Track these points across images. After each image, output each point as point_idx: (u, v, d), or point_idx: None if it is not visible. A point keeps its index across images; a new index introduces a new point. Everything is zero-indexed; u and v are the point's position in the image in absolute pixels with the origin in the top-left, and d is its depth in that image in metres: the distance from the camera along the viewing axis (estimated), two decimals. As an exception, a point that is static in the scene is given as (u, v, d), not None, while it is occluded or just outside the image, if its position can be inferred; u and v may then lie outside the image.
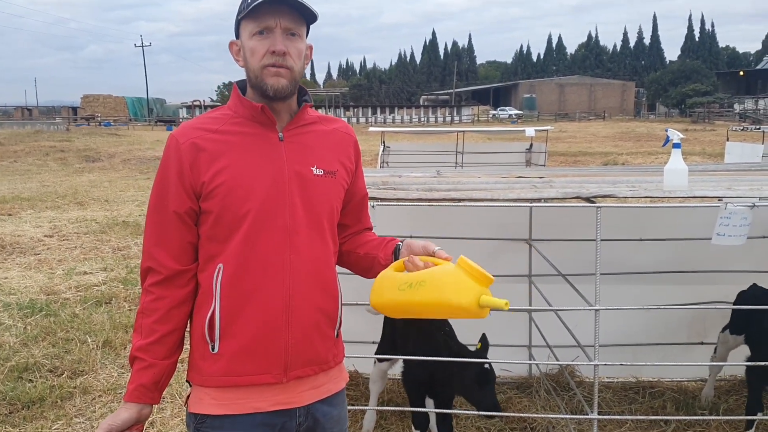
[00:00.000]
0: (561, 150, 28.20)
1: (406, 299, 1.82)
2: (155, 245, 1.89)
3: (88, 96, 75.62)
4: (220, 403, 1.88)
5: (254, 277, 1.85)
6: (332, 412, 2.02)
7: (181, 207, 1.86)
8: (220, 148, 1.87)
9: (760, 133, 15.09)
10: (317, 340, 1.94)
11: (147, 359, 1.86)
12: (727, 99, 71.79)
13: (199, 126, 1.91)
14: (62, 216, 12.55)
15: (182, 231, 1.88)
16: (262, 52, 1.84)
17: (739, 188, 3.42)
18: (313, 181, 1.92)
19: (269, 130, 1.91)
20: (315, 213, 1.92)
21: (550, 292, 4.25)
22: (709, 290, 4.49)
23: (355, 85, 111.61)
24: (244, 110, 1.92)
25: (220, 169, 1.84)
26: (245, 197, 1.84)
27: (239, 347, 1.86)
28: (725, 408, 4.36)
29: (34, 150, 28.33)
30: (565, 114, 77.03)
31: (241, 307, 1.85)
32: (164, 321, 1.88)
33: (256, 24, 1.85)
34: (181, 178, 1.85)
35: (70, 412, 4.48)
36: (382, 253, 2.04)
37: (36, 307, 6.70)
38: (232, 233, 1.85)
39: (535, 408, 4.40)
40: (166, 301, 1.88)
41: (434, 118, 73.65)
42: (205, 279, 1.89)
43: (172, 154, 1.88)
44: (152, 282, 1.88)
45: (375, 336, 4.18)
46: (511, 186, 3.63)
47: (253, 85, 1.90)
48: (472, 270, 1.77)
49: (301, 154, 1.93)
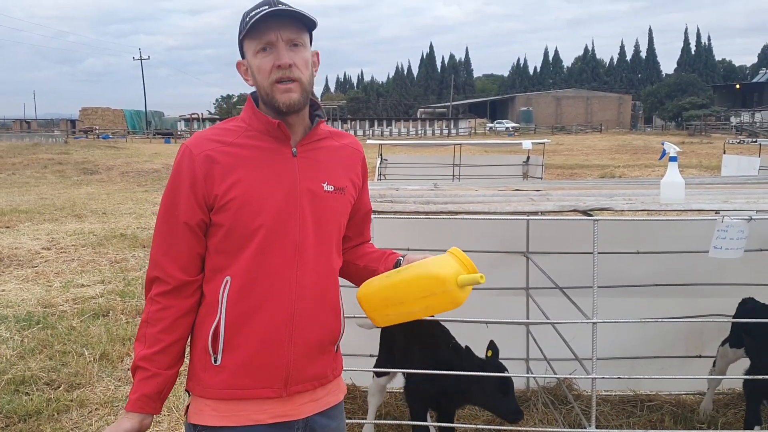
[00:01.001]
0: (558, 163, 28.26)
1: (390, 282, 1.90)
2: (163, 255, 1.88)
3: (86, 109, 75.76)
4: (221, 415, 1.88)
5: (261, 293, 1.86)
6: (331, 425, 2.03)
7: (192, 218, 1.86)
8: (234, 161, 1.86)
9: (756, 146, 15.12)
10: (318, 356, 1.96)
11: (151, 369, 1.86)
12: (723, 112, 72.06)
13: (214, 138, 1.90)
14: (60, 228, 12.54)
15: (191, 242, 1.88)
16: (269, 68, 1.85)
17: (736, 201, 3.43)
18: (323, 197, 1.93)
19: (283, 145, 1.92)
20: (324, 230, 1.94)
21: (547, 305, 4.25)
22: (707, 303, 4.49)
23: (353, 98, 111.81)
24: (259, 124, 1.92)
25: (234, 182, 1.84)
26: (257, 212, 1.84)
27: (242, 361, 1.86)
28: (724, 421, 4.35)
29: (33, 162, 28.32)
30: (562, 127, 77.21)
31: (246, 321, 1.85)
32: (169, 330, 1.88)
33: (258, 41, 1.85)
34: (193, 189, 1.85)
35: (66, 426, 4.46)
36: (382, 267, 2.06)
37: (33, 319, 6.68)
38: (242, 247, 1.85)
39: (533, 421, 4.38)
40: (172, 310, 1.88)
41: (431, 131, 73.80)
42: (211, 291, 1.89)
43: (185, 164, 1.87)
44: (159, 291, 1.88)
45: (373, 349, 4.17)
46: (508, 199, 3.64)
47: (266, 102, 1.90)
48: (463, 257, 1.88)
49: (314, 170, 1.94)
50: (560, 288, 3.93)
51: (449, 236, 4.43)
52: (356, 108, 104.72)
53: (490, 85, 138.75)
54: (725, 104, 79.87)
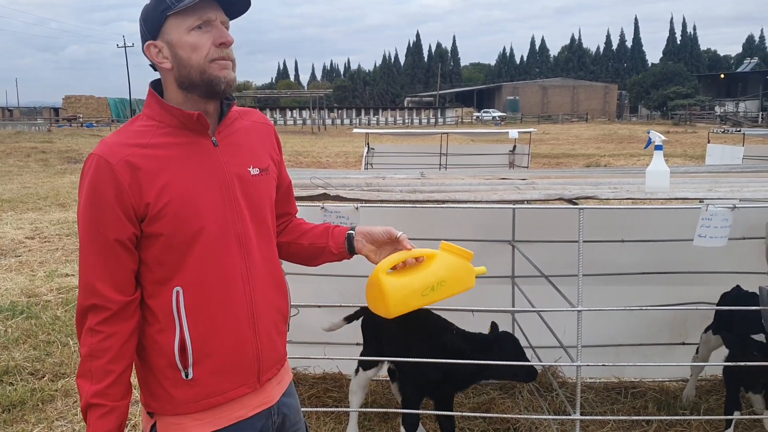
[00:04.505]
0: (544, 152, 28.34)
1: (430, 301, 1.94)
2: (98, 279, 1.71)
3: (69, 97, 74.86)
4: (203, 422, 1.83)
5: (217, 296, 1.78)
6: (293, 403, 2.06)
7: (123, 234, 1.70)
8: (157, 164, 1.71)
9: (740, 135, 15.25)
10: (277, 339, 1.95)
11: (107, 404, 1.72)
12: (708, 101, 72.52)
13: (126, 142, 1.73)
14: (43, 218, 12.43)
15: (125, 260, 1.73)
16: (208, 45, 1.73)
17: (720, 190, 3.45)
18: (251, 181, 1.86)
19: (202, 137, 1.80)
20: (260, 214, 1.88)
21: (532, 293, 4.27)
22: (691, 291, 4.53)
23: (339, 86, 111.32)
24: (171, 119, 1.77)
25: (163, 187, 1.70)
26: (196, 213, 1.73)
27: (214, 368, 1.80)
28: (706, 408, 4.40)
29: (15, 151, 28.02)
30: (548, 116, 77.44)
31: (211, 327, 1.78)
32: (118, 359, 1.73)
33: (196, 18, 1.72)
34: (120, 202, 1.68)
35: (51, 416, 4.44)
36: (332, 242, 2.02)
37: (17, 309, 6.63)
38: (186, 253, 1.74)
39: (518, 409, 4.41)
40: (117, 337, 1.72)
41: (418, 120, 73.76)
42: (160, 306, 1.76)
43: (102, 176, 1.68)
44: (99, 320, 1.71)
45: (357, 337, 4.16)
46: (494, 187, 3.65)
47: (196, 83, 1.75)
48: (460, 251, 1.96)
49: (237, 156, 1.85)
50: (546, 276, 3.95)
51: (436, 225, 4.44)
52: (343, 97, 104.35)
53: (476, 74, 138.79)
54: (710, 94, 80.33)
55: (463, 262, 1.96)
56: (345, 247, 2.00)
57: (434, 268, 1.92)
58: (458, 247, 1.96)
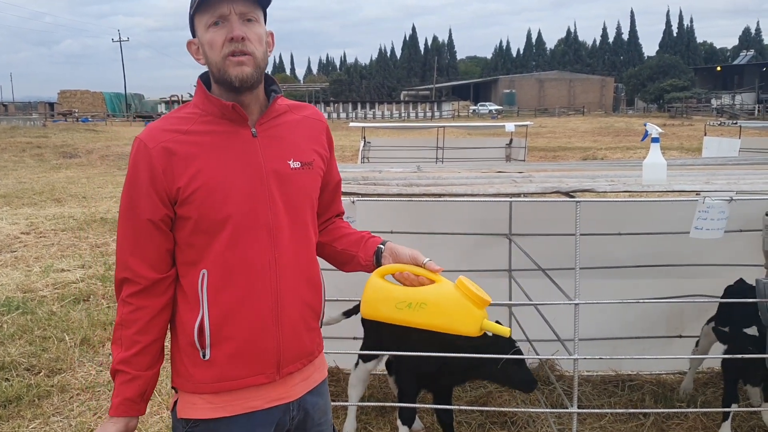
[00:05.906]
0: (540, 145, 28.34)
1: (403, 318, 1.86)
2: (130, 255, 1.81)
3: (65, 91, 74.59)
4: (216, 406, 1.85)
5: (241, 281, 1.81)
6: (319, 402, 2.04)
7: (156, 215, 1.79)
8: (193, 150, 1.78)
9: (736, 127, 15.24)
10: (304, 333, 1.93)
11: (130, 372, 1.81)
12: (704, 94, 72.53)
13: (168, 128, 1.82)
14: (39, 213, 12.40)
15: (158, 239, 1.81)
16: (221, 42, 1.77)
17: (716, 182, 3.45)
18: (290, 175, 1.87)
19: (241, 127, 1.84)
20: (296, 208, 1.88)
21: (529, 287, 4.27)
22: (688, 284, 4.52)
23: (336, 80, 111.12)
24: (212, 108, 1.84)
25: (195, 173, 1.77)
26: (223, 201, 1.78)
27: (231, 352, 1.82)
28: (703, 400, 4.41)
29: (10, 146, 27.92)
30: (545, 109, 77.39)
31: (230, 312, 1.81)
32: (145, 331, 1.81)
33: (210, 15, 1.77)
34: (153, 184, 1.77)
35: (47, 411, 4.43)
36: (362, 253, 2.02)
37: (12, 304, 6.61)
38: (212, 239, 1.79)
39: (516, 402, 4.42)
40: (146, 311, 1.81)
41: (415, 114, 73.71)
42: (189, 285, 1.83)
43: (141, 159, 1.78)
44: (130, 293, 1.81)
45: (356, 331, 4.16)
46: (491, 181, 3.64)
47: (218, 79, 1.82)
48: (471, 294, 1.82)
49: (277, 149, 1.87)
50: (543, 269, 3.94)
51: (432, 219, 4.44)
52: (339, 90, 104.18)
53: (473, 68, 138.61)
54: (706, 86, 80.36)
55: (464, 302, 1.82)
56: (373, 260, 2.00)
57: (424, 289, 1.87)
58: (473, 288, 1.82)
